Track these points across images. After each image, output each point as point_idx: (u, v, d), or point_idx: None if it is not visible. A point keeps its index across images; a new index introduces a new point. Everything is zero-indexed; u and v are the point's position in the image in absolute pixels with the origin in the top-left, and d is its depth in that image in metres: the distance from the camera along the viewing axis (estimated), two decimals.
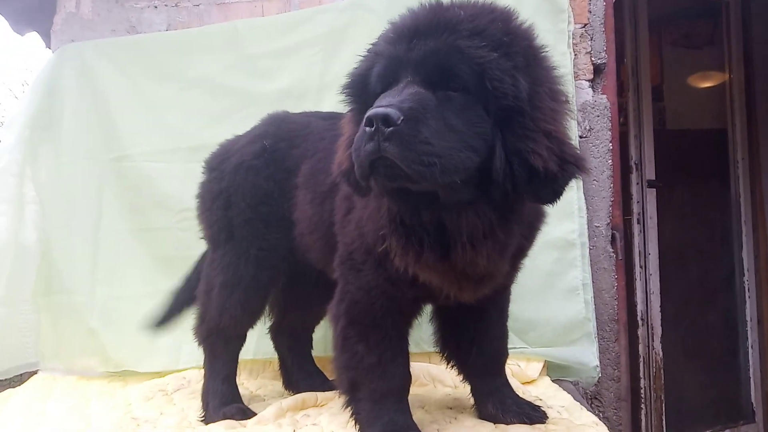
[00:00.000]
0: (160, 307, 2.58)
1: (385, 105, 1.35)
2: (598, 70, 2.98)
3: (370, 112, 1.35)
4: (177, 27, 3.37)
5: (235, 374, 2.38)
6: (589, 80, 2.96)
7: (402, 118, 1.33)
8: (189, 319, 2.80)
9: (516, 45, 1.46)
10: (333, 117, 2.38)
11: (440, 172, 1.35)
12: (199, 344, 2.37)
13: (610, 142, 2.93)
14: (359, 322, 1.83)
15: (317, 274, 2.26)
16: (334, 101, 2.81)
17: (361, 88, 1.57)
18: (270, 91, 3.04)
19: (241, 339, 2.39)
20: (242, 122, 2.67)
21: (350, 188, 1.64)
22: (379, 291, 1.80)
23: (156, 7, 3.41)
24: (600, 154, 2.92)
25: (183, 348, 2.86)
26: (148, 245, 3.08)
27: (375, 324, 1.81)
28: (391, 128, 1.32)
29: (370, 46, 1.60)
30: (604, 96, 2.96)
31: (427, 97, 1.40)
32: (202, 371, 2.38)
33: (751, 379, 4.88)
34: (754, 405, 4.87)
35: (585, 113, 2.93)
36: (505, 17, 1.53)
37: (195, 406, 2.35)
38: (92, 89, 3.24)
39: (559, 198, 1.51)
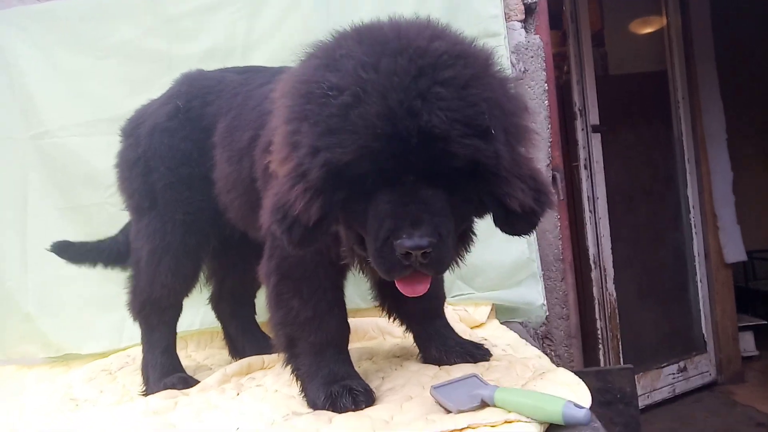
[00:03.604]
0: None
1: (416, 233, 1.34)
2: (529, 10, 2.93)
3: (411, 243, 1.34)
4: None
5: (175, 345, 2.31)
6: (521, 21, 2.91)
7: (435, 242, 1.36)
8: None
9: (500, 119, 1.42)
10: (248, 71, 2.30)
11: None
12: (135, 318, 2.30)
13: (546, 82, 2.90)
14: (291, 277, 1.78)
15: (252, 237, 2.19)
16: (260, 60, 2.77)
17: (342, 176, 1.41)
18: (193, 52, 2.89)
19: (177, 308, 2.31)
20: (166, 87, 2.55)
21: (288, 242, 1.50)
22: None
23: None
24: (536, 96, 2.89)
25: (125, 326, 2.76)
26: (79, 224, 2.94)
27: (307, 277, 1.76)
28: (425, 254, 1.36)
29: (338, 120, 1.36)
30: (537, 36, 2.92)
31: (439, 198, 1.41)
32: None
33: (702, 312, 5.07)
34: (705, 336, 5.07)
35: (519, 54, 2.89)
36: (483, 81, 1.42)
37: (138, 381, 2.28)
38: (4, 62, 3.04)
39: (535, 228, 1.58)
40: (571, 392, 1.46)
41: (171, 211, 2.17)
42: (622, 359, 4.54)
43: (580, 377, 1.60)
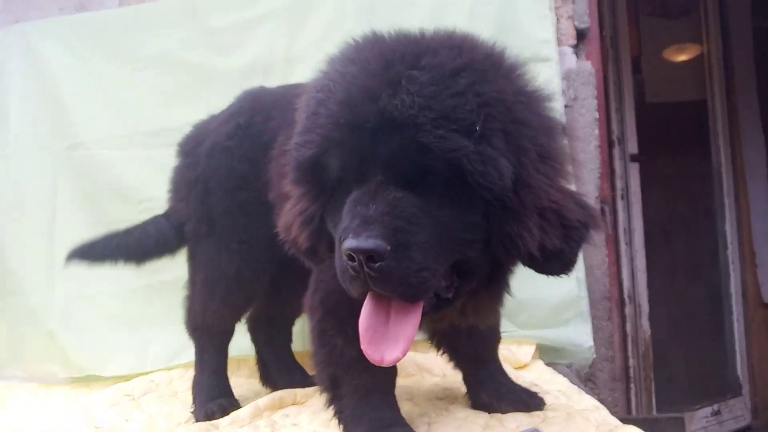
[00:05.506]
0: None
1: (364, 233, 1.14)
2: (581, 35, 2.84)
3: (351, 244, 1.13)
4: (130, 3, 3.14)
5: (225, 367, 2.24)
6: (572, 46, 2.80)
7: (389, 249, 1.14)
8: (155, 318, 2.64)
9: (494, 118, 1.21)
10: None
11: (437, 284, 1.26)
12: (189, 337, 2.24)
13: (596, 110, 2.79)
14: (336, 313, 1.65)
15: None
16: (302, 75, 2.64)
17: (316, 175, 1.32)
18: (233, 66, 2.83)
19: (228, 333, 2.25)
20: (204, 101, 2.50)
21: (301, 258, 1.54)
22: None
23: None
24: (586, 124, 2.78)
25: (150, 349, 2.67)
26: None
27: (354, 314, 1.63)
28: (377, 264, 1.14)
29: (311, 118, 1.30)
30: (589, 62, 2.82)
31: (410, 203, 1.19)
32: (170, 374, 2.32)
33: (737, 353, 4.85)
34: (741, 378, 4.83)
35: (569, 81, 2.78)
36: (480, 72, 1.23)
37: (164, 411, 2.20)
38: (40, 73, 3.01)
39: (572, 268, 1.35)
40: None
41: (227, 239, 2.06)
42: (654, 400, 4.34)
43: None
